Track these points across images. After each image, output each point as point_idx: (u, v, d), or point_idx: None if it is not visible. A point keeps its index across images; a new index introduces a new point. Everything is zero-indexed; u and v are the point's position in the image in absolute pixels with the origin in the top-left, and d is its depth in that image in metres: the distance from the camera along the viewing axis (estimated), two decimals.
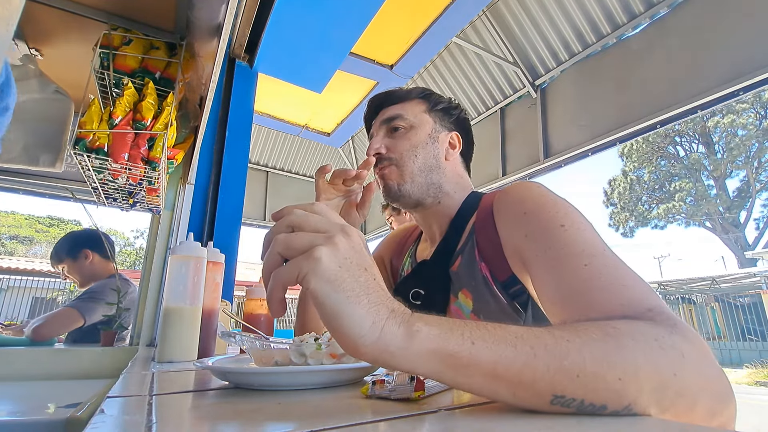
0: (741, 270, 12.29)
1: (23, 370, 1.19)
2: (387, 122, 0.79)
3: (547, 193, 0.60)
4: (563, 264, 0.49)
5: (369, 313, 0.32)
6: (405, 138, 0.77)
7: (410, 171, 0.75)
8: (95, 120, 1.09)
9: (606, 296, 0.43)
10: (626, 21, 2.78)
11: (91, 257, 1.80)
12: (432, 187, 0.76)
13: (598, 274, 0.46)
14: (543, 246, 0.53)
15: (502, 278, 0.64)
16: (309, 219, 0.36)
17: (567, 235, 0.51)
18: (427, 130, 0.78)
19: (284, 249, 0.34)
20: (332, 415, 0.34)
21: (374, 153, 0.77)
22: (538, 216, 0.56)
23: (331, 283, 0.32)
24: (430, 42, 2.09)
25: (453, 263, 0.71)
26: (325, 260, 0.33)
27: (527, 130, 3.36)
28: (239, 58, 1.85)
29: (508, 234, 0.62)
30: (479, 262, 0.67)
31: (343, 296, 0.32)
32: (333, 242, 0.34)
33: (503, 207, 0.64)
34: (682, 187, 16.49)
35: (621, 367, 0.32)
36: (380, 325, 0.32)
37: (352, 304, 0.32)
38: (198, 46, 1.17)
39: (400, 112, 0.79)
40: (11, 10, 0.21)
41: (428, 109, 0.80)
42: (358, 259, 0.34)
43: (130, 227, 32.06)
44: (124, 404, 0.41)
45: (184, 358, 0.76)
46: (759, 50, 2.10)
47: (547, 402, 0.32)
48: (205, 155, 1.68)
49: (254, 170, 4.91)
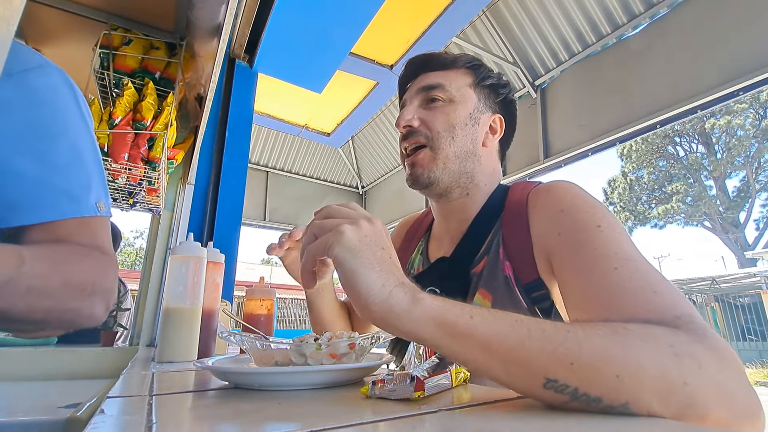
0: (741, 270, 12.29)
1: (23, 370, 1.18)
2: (425, 90, 0.70)
3: (585, 194, 0.57)
4: (594, 265, 0.47)
5: (380, 277, 0.38)
6: (443, 113, 0.68)
7: (444, 155, 0.67)
8: (95, 120, 1.09)
9: (632, 300, 0.42)
10: (626, 21, 2.78)
11: None
12: (463, 177, 0.68)
13: (628, 278, 0.44)
14: (576, 245, 0.51)
15: (526, 281, 0.59)
16: (340, 209, 0.44)
17: (602, 236, 0.50)
18: (469, 108, 0.69)
19: (318, 230, 0.42)
20: (332, 415, 0.34)
21: (405, 124, 0.68)
22: (574, 215, 0.54)
23: (350, 251, 0.39)
24: (430, 42, 2.09)
25: (476, 265, 0.65)
26: (348, 233, 0.39)
27: (527, 130, 3.36)
28: (239, 58, 1.85)
29: (541, 231, 0.58)
30: (503, 260, 0.62)
31: (359, 261, 0.38)
32: (357, 223, 0.41)
33: (540, 203, 0.60)
34: (681, 187, 16.50)
35: (620, 363, 0.32)
36: (389, 289, 0.37)
37: (366, 268, 0.38)
38: (198, 46, 1.17)
39: (442, 82, 0.69)
40: (12, 10, 0.21)
41: (474, 83, 0.70)
42: (377, 239, 0.41)
43: (130, 227, 32.07)
44: (124, 404, 0.41)
45: (184, 359, 0.76)
46: (759, 50, 2.10)
47: (540, 384, 0.32)
48: (205, 155, 1.67)
49: (254, 170, 4.91)
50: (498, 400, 0.37)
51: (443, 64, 0.71)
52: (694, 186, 16.49)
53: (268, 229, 4.98)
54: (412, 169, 0.69)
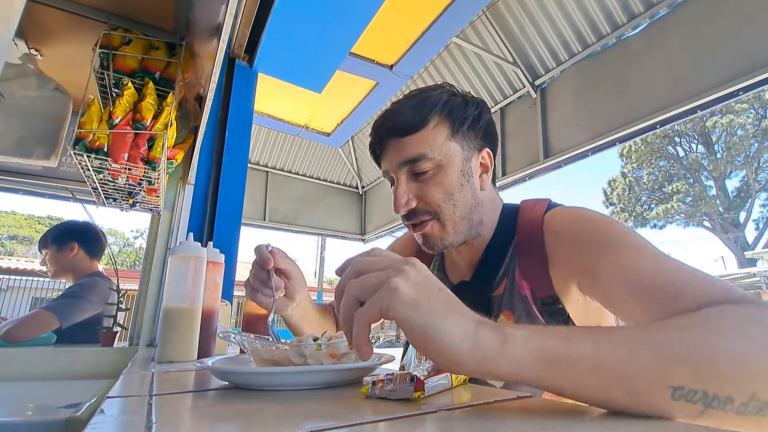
0: (741, 270, 12.28)
1: (23, 370, 1.18)
2: (407, 164, 0.65)
3: (600, 215, 0.59)
4: (640, 265, 0.47)
5: (458, 324, 0.33)
6: (435, 183, 0.64)
7: (452, 222, 0.66)
8: (95, 120, 1.09)
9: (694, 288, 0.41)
10: (626, 21, 2.78)
11: (76, 251, 1.72)
12: (474, 227, 0.68)
13: (676, 270, 0.44)
14: (613, 255, 0.51)
15: (542, 295, 0.61)
16: (372, 261, 0.38)
17: (634, 242, 0.51)
18: (459, 165, 0.65)
19: (360, 292, 0.36)
20: (332, 415, 0.34)
21: (405, 209, 0.66)
22: (598, 235, 0.55)
23: (412, 305, 0.33)
24: (430, 42, 2.09)
25: (496, 288, 0.67)
26: (401, 287, 0.34)
27: (527, 130, 3.36)
28: (239, 58, 1.85)
29: (560, 255, 0.60)
30: (520, 281, 0.64)
31: (426, 314, 0.33)
32: (403, 271, 0.35)
33: (555, 227, 0.62)
34: (681, 187, 16.49)
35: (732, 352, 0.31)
36: (472, 334, 0.32)
37: (438, 319, 0.33)
38: (198, 46, 1.17)
39: (422, 151, 0.64)
40: (12, 11, 0.21)
41: (452, 134, 0.65)
42: (430, 281, 0.36)
43: (130, 227, 32.04)
44: (124, 404, 0.41)
45: (184, 359, 0.76)
46: (759, 50, 2.10)
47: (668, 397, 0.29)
48: (205, 155, 1.67)
49: (254, 170, 4.91)
50: (498, 400, 0.37)
51: (415, 125, 0.65)
52: (694, 186, 16.48)
53: (268, 229, 4.98)
54: (425, 239, 0.68)
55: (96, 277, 1.70)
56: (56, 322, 1.50)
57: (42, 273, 9.94)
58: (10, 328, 1.41)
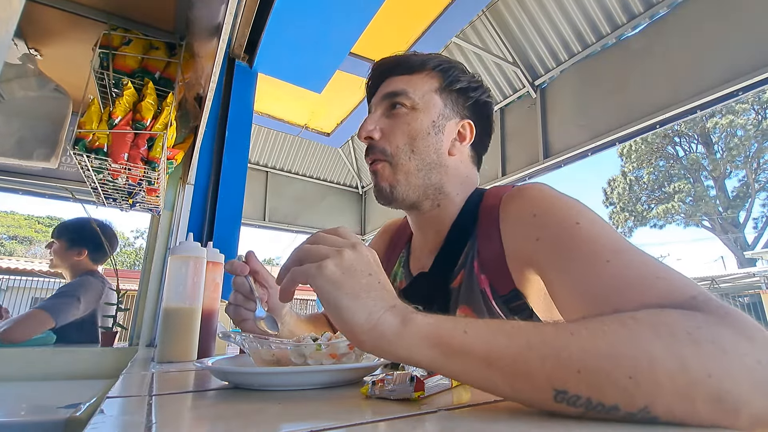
0: (740, 270, 12.28)
1: (22, 370, 1.18)
2: (388, 97, 0.66)
3: (558, 194, 0.55)
4: (584, 263, 0.44)
5: (365, 305, 0.36)
6: (404, 122, 0.65)
7: (405, 170, 0.64)
8: (95, 120, 1.09)
9: (636, 290, 0.38)
10: (626, 21, 2.78)
11: (84, 256, 1.73)
12: (430, 189, 0.65)
13: (625, 269, 0.41)
14: (559, 246, 0.48)
15: (503, 292, 0.57)
16: (327, 237, 0.43)
17: (584, 233, 0.47)
18: (432, 116, 0.65)
19: (304, 255, 0.41)
20: (332, 415, 0.34)
21: (366, 135, 0.66)
22: (549, 217, 0.52)
23: (332, 283, 0.37)
24: (430, 42, 2.09)
25: (454, 279, 0.63)
26: (330, 266, 0.38)
27: (527, 130, 3.37)
28: (239, 58, 1.85)
29: (514, 241, 0.56)
30: (479, 274, 0.60)
31: (341, 293, 0.37)
32: (341, 253, 0.39)
33: (511, 210, 0.58)
34: (681, 187, 16.49)
35: (631, 362, 0.28)
36: (377, 316, 0.36)
37: (349, 299, 0.37)
38: (198, 46, 1.17)
39: (405, 88, 0.65)
40: (11, 11, 0.21)
41: (440, 88, 0.67)
42: (362, 267, 0.39)
43: (130, 227, 32.07)
44: (124, 404, 0.41)
45: (184, 359, 0.76)
46: (759, 50, 2.10)
47: (550, 398, 0.30)
48: (205, 155, 1.67)
49: (254, 170, 4.91)
50: (498, 400, 0.37)
51: (410, 67, 0.67)
52: (694, 186, 16.49)
53: (268, 229, 4.99)
54: (376, 183, 0.66)
55: (88, 276, 1.70)
56: (51, 321, 1.51)
57: (42, 273, 9.95)
58: (7, 329, 1.41)
